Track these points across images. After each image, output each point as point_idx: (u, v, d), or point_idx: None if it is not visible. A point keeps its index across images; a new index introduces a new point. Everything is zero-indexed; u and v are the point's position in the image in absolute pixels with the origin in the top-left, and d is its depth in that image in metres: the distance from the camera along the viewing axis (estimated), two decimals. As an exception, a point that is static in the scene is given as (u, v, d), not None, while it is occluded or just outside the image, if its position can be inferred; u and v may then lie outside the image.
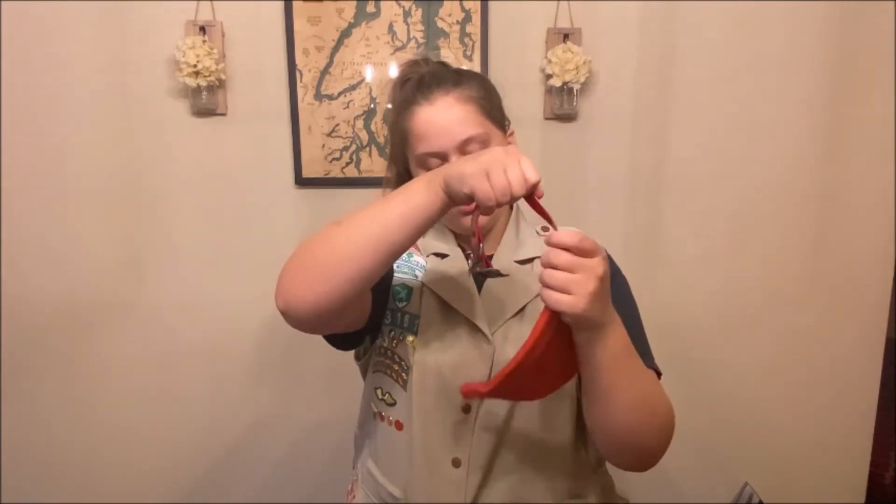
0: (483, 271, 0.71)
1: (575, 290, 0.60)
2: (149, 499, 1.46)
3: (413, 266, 0.88)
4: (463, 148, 0.82)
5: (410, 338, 0.84)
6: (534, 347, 0.65)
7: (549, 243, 0.62)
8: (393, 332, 0.86)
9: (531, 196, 0.65)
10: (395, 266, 0.86)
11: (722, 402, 1.49)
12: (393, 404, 0.87)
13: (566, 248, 0.61)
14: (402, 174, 0.91)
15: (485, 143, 0.82)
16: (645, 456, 0.75)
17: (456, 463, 0.82)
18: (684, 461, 1.48)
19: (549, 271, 0.62)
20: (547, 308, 0.63)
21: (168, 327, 1.42)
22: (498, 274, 0.71)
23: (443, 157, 0.82)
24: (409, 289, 0.86)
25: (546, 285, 0.62)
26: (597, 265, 0.62)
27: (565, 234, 0.61)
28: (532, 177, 0.63)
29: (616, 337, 0.67)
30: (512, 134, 0.91)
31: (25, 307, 1.37)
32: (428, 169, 0.83)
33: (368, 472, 0.93)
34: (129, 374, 1.42)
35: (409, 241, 0.69)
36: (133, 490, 1.46)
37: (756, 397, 1.49)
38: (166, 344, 1.42)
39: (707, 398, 1.48)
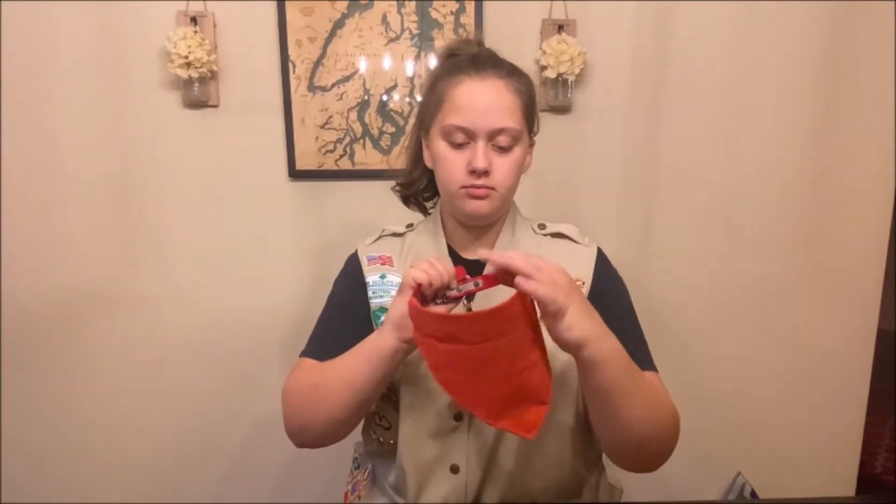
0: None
1: (552, 281, 0.63)
2: (146, 496, 1.46)
3: (388, 288, 0.87)
4: (493, 136, 0.79)
5: None
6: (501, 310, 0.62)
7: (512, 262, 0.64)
8: None
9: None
10: (371, 293, 0.87)
11: (715, 394, 1.50)
12: (389, 428, 0.88)
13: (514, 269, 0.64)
14: (417, 152, 0.90)
15: (515, 139, 0.80)
16: (656, 461, 0.79)
17: (454, 469, 0.83)
18: (678, 452, 1.45)
19: (537, 261, 0.64)
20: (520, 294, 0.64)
21: (162, 321, 1.41)
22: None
23: (470, 136, 0.79)
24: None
25: (528, 276, 0.63)
26: (556, 269, 0.65)
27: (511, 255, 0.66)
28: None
29: (615, 353, 0.67)
30: (532, 145, 0.88)
31: (18, 303, 1.36)
32: (450, 142, 0.80)
33: (373, 482, 0.95)
34: (125, 369, 1.41)
35: (380, 390, 0.79)
36: (129, 487, 1.45)
37: (749, 389, 1.50)
38: (161, 338, 1.41)
39: (700, 390, 1.49)
